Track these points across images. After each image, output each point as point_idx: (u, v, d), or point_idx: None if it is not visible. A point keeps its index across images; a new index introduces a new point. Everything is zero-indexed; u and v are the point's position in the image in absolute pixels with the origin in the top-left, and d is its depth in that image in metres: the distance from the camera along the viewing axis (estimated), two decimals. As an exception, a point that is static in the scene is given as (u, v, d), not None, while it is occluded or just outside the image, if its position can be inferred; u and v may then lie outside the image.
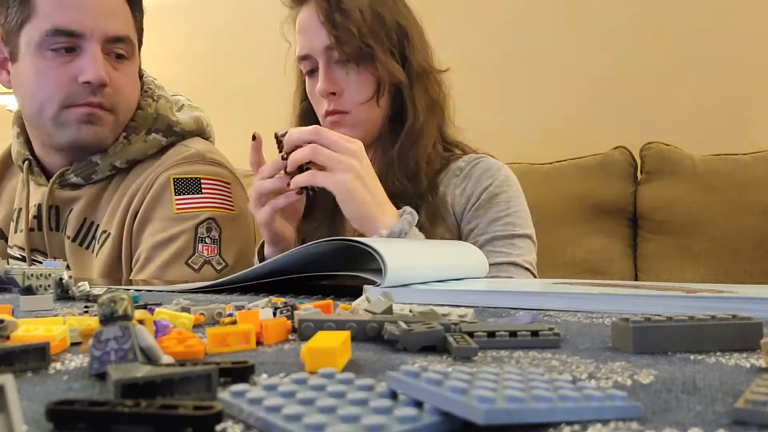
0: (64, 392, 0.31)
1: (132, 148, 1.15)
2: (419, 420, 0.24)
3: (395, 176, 1.05)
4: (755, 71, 2.00)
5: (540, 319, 0.51)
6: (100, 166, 1.14)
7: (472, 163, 1.11)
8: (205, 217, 1.11)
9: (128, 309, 0.33)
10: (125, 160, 1.14)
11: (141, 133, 1.15)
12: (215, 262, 1.10)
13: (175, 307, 0.51)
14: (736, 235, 1.71)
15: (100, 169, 1.14)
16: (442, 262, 0.81)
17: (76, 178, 1.14)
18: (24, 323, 0.41)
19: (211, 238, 1.11)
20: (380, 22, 1.05)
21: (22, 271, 0.71)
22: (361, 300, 0.51)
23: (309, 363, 0.33)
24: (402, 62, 1.07)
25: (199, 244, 1.10)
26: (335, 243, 0.72)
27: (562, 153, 1.96)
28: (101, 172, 1.14)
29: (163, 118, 1.17)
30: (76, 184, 1.15)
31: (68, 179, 1.15)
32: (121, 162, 1.14)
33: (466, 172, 1.10)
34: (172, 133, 1.17)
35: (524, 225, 1.09)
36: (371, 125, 1.09)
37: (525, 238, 1.08)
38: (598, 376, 0.33)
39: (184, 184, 1.13)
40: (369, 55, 1.04)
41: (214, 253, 1.11)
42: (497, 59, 2.19)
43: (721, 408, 0.28)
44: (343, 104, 1.08)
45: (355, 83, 1.06)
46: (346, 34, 1.03)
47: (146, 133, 1.16)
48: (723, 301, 0.56)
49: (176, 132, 1.18)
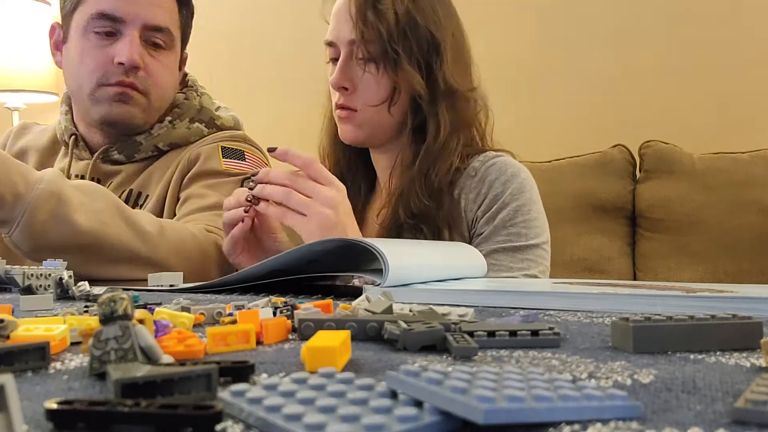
0: (64, 392, 0.31)
1: (175, 133, 1.23)
2: (419, 419, 0.24)
3: (417, 196, 1.02)
4: (754, 70, 2.00)
5: (540, 319, 0.51)
6: (144, 145, 1.22)
7: (487, 163, 1.06)
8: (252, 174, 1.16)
9: (128, 308, 0.33)
10: (168, 142, 1.23)
11: (185, 120, 1.25)
12: None
13: (175, 306, 0.51)
14: (735, 233, 1.71)
15: (143, 148, 1.22)
16: (442, 262, 0.81)
17: (119, 155, 1.22)
18: (24, 323, 0.41)
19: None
20: (413, 29, 1.02)
21: (22, 271, 0.71)
22: (361, 300, 0.51)
23: (309, 362, 0.33)
24: (427, 75, 1.03)
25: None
26: (336, 242, 0.72)
27: (560, 151, 1.96)
28: (144, 151, 1.22)
29: (206, 110, 1.28)
30: (118, 160, 1.23)
31: (111, 156, 1.23)
32: (164, 144, 1.23)
33: (481, 175, 1.05)
34: (213, 125, 1.27)
35: (533, 234, 1.02)
36: (379, 130, 1.07)
37: (533, 249, 1.02)
38: (598, 376, 0.33)
39: (231, 151, 1.22)
40: (393, 59, 1.01)
41: None
42: (496, 58, 2.19)
43: (721, 407, 0.28)
44: (353, 101, 1.05)
45: (371, 84, 1.04)
46: (374, 33, 1.00)
47: (189, 122, 1.25)
48: (723, 301, 0.56)
49: (217, 125, 1.27)
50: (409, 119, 1.05)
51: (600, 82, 2.13)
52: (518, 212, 1.02)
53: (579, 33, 2.16)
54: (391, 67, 1.02)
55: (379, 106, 1.04)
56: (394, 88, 1.03)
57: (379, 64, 1.02)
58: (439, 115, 1.04)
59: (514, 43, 2.21)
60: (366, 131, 1.07)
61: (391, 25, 1.00)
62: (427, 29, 1.03)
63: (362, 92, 1.05)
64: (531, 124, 2.17)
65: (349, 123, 1.07)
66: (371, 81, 1.04)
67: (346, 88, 1.05)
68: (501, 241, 1.01)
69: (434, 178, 1.03)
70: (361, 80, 1.04)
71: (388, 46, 1.01)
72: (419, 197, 1.02)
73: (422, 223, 1.01)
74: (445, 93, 1.04)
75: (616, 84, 2.11)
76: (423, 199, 1.02)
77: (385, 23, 1.00)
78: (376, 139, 1.09)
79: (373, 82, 1.04)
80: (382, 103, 1.04)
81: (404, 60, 1.01)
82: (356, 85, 1.05)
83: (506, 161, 1.07)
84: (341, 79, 1.04)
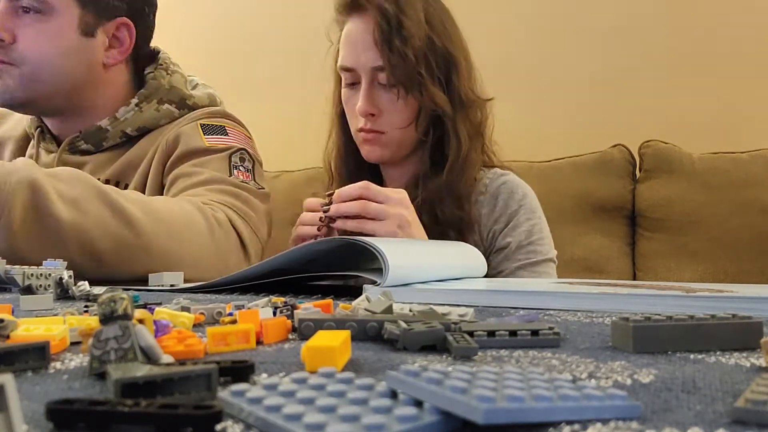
0: (64, 392, 0.31)
1: (143, 116, 1.17)
2: (419, 419, 0.24)
3: (446, 206, 1.06)
4: (754, 70, 2.00)
5: (540, 319, 0.51)
6: (111, 132, 1.16)
7: (496, 181, 1.11)
8: (237, 147, 1.14)
9: (128, 308, 0.33)
10: (136, 127, 1.17)
11: (153, 101, 1.18)
12: (253, 185, 1.11)
13: (175, 306, 0.51)
14: (735, 233, 1.71)
15: (110, 135, 1.16)
16: (442, 261, 0.81)
17: (86, 145, 1.17)
18: (24, 323, 0.41)
19: (245, 168, 1.13)
20: (432, 49, 1.04)
21: (22, 271, 0.71)
22: (361, 299, 0.51)
23: (309, 362, 0.33)
24: (448, 91, 1.07)
25: (234, 170, 1.11)
26: (336, 241, 0.72)
27: (560, 151, 1.96)
28: (112, 139, 1.17)
29: (176, 90, 1.20)
30: (87, 150, 1.17)
31: (78, 146, 1.17)
32: (132, 129, 1.17)
33: (492, 192, 1.10)
34: (184, 105, 1.20)
35: (546, 250, 1.10)
36: (403, 147, 1.11)
37: (548, 262, 1.10)
38: (598, 376, 0.33)
39: (211, 128, 1.16)
40: (418, 82, 1.04)
41: (249, 179, 1.12)
42: (496, 58, 2.19)
43: (721, 407, 0.28)
44: (380, 125, 1.08)
45: (397, 107, 1.06)
46: (400, 59, 1.02)
47: (158, 103, 1.18)
48: (723, 301, 0.56)
49: (189, 105, 1.20)
50: (431, 135, 1.09)
51: (600, 82, 2.12)
52: (533, 231, 1.09)
53: (579, 32, 2.15)
54: (417, 90, 1.05)
55: (407, 128, 1.08)
56: (419, 108, 1.06)
57: (407, 88, 1.04)
58: (458, 127, 1.07)
59: (513, 43, 2.21)
60: (391, 150, 1.11)
61: (417, 50, 1.03)
62: (444, 47, 1.06)
63: (389, 116, 1.08)
64: (531, 124, 2.17)
65: (376, 144, 1.10)
66: (398, 105, 1.07)
67: (373, 114, 1.08)
68: (522, 259, 1.08)
69: (462, 187, 1.08)
70: (387, 104, 1.07)
71: (414, 71, 1.03)
72: (448, 207, 1.06)
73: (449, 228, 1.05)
74: (464, 105, 1.08)
75: (616, 84, 2.11)
76: (452, 209, 1.07)
77: (411, 49, 1.02)
78: (398, 156, 1.13)
79: (401, 105, 1.06)
80: (409, 124, 1.07)
81: (428, 81, 1.04)
82: (382, 109, 1.08)
83: (514, 181, 1.13)
84: (368, 107, 1.07)
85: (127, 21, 1.17)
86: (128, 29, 1.18)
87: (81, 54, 1.14)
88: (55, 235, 0.82)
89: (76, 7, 1.12)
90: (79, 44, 1.13)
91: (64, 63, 1.12)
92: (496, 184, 1.11)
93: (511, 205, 1.09)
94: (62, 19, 1.11)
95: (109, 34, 1.16)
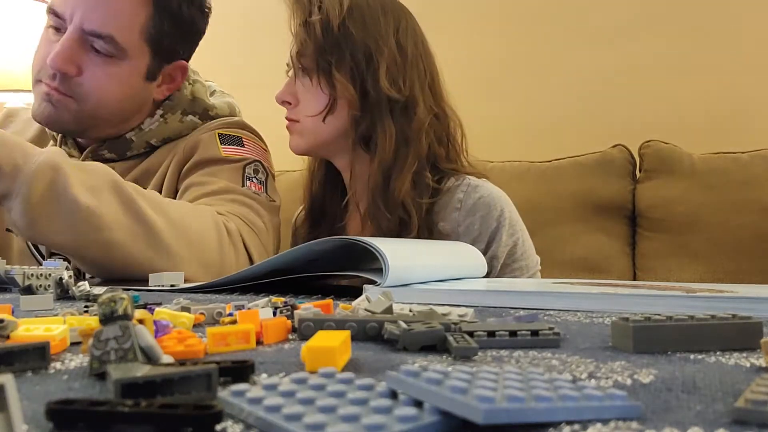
0: (64, 392, 0.31)
1: (168, 128, 1.18)
2: (419, 419, 0.24)
3: (382, 212, 1.04)
4: (754, 70, 2.00)
5: (540, 319, 0.51)
6: (135, 143, 1.17)
7: (470, 194, 1.06)
8: (252, 159, 1.15)
9: (128, 308, 0.33)
10: (161, 138, 1.17)
11: (177, 113, 1.18)
12: (264, 197, 1.12)
13: (175, 306, 0.51)
14: (735, 233, 1.70)
15: (135, 146, 1.17)
16: (442, 261, 0.81)
17: (109, 154, 1.17)
18: (24, 323, 0.41)
19: (258, 179, 1.14)
20: (347, 40, 1.03)
21: (22, 271, 0.71)
22: (361, 300, 0.51)
23: (309, 362, 0.33)
24: (362, 86, 1.04)
25: (247, 181, 1.11)
26: (336, 241, 0.72)
27: (560, 151, 1.96)
28: (135, 149, 1.17)
29: (199, 101, 1.21)
30: (109, 159, 1.16)
31: (101, 154, 1.16)
32: (157, 140, 1.17)
33: (468, 208, 1.05)
34: (207, 116, 1.21)
35: (532, 263, 1.09)
36: (319, 139, 1.09)
37: (534, 274, 1.09)
38: (598, 376, 0.33)
39: (229, 138, 1.16)
40: (325, 70, 1.04)
41: (262, 191, 1.13)
42: (496, 57, 2.19)
43: (721, 407, 0.28)
44: (295, 114, 1.09)
45: (308, 95, 1.07)
46: (306, 46, 1.04)
47: (182, 114, 1.19)
48: (723, 301, 0.56)
49: (211, 116, 1.21)
50: (351, 130, 1.07)
51: (600, 81, 2.12)
52: (515, 248, 1.07)
53: (579, 32, 2.15)
54: (325, 79, 1.04)
55: (316, 117, 1.07)
56: (331, 99, 1.06)
57: (313, 75, 1.05)
58: (384, 125, 1.05)
59: (514, 43, 2.21)
60: (307, 141, 1.10)
61: (319, 38, 1.03)
62: (363, 41, 1.04)
63: (302, 104, 1.08)
64: (531, 124, 2.17)
65: (292, 133, 1.11)
66: (309, 93, 1.07)
67: (289, 102, 1.09)
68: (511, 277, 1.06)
69: (395, 193, 1.04)
70: (302, 92, 1.08)
71: (319, 57, 1.04)
72: (384, 214, 1.04)
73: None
74: (386, 103, 1.04)
75: (617, 84, 2.11)
76: (387, 215, 1.03)
77: (313, 36, 1.03)
78: (320, 149, 1.12)
79: (310, 93, 1.07)
80: (318, 113, 1.06)
81: (335, 71, 1.03)
82: (298, 98, 1.09)
83: (491, 194, 1.07)
84: (283, 95, 1.10)
85: (184, 64, 1.18)
86: (182, 70, 1.19)
87: (141, 96, 1.15)
88: (71, 216, 0.85)
89: (148, 55, 1.12)
90: (142, 89, 1.14)
91: (125, 106, 1.13)
92: (471, 200, 1.05)
93: (490, 224, 1.05)
94: (132, 66, 1.11)
95: (166, 75, 1.17)
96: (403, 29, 1.09)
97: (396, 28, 1.08)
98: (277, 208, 1.14)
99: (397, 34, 1.08)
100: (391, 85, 1.04)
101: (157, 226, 0.91)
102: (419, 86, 1.08)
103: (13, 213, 0.85)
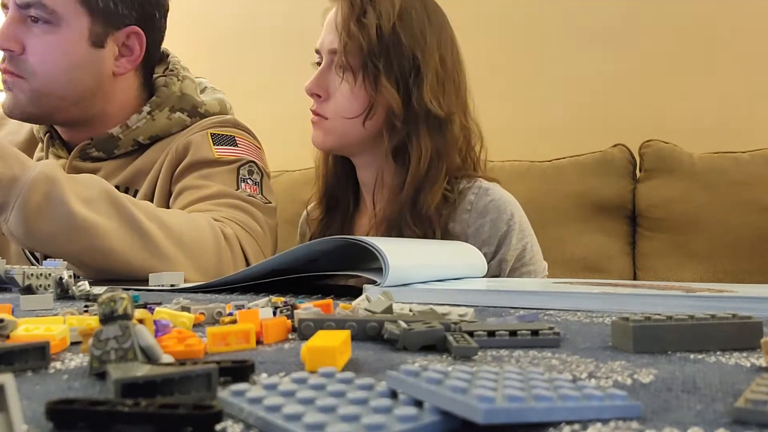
0: (64, 392, 0.31)
1: (155, 125, 1.16)
2: (419, 419, 0.24)
3: (408, 225, 1.03)
4: (754, 70, 2.00)
5: (540, 319, 0.51)
6: (122, 140, 1.15)
7: (483, 199, 1.06)
8: (247, 159, 1.14)
9: (128, 308, 0.33)
10: (149, 136, 1.16)
11: (165, 110, 1.17)
12: (259, 199, 1.11)
13: (175, 306, 0.51)
14: (735, 233, 1.71)
15: (122, 143, 1.15)
16: (442, 261, 0.81)
17: (97, 152, 1.16)
18: (24, 323, 0.41)
19: (252, 181, 1.12)
20: (396, 47, 1.02)
21: (22, 271, 0.71)
22: (361, 299, 0.51)
23: (309, 362, 0.33)
24: (405, 95, 1.03)
25: (241, 184, 1.11)
26: (336, 241, 0.72)
27: (561, 151, 1.96)
28: (123, 147, 1.16)
29: (187, 97, 1.19)
30: (97, 158, 1.16)
31: (89, 153, 1.16)
32: (144, 138, 1.16)
33: (479, 210, 1.05)
34: (196, 113, 1.19)
35: (540, 268, 1.09)
36: (347, 140, 1.08)
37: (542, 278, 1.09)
38: (598, 376, 0.33)
39: (221, 138, 1.15)
40: (372, 73, 1.02)
41: (257, 192, 1.12)
42: (497, 57, 2.19)
43: (721, 407, 0.28)
44: (324, 109, 1.07)
45: (346, 94, 1.05)
46: (356, 45, 1.01)
47: (170, 111, 1.17)
48: (723, 301, 0.56)
49: (200, 113, 1.19)
50: (385, 137, 1.05)
51: (600, 81, 2.12)
52: (525, 253, 1.06)
53: (579, 32, 2.15)
54: (370, 82, 1.03)
55: (352, 119, 1.05)
56: (370, 103, 1.04)
57: (358, 75, 1.03)
58: (420, 139, 1.04)
59: (514, 42, 2.21)
60: (333, 140, 1.08)
61: (373, 40, 1.01)
62: (411, 50, 1.03)
63: (336, 102, 1.06)
64: (531, 124, 2.17)
65: (319, 129, 1.08)
66: (347, 92, 1.05)
67: (319, 96, 1.07)
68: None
69: (424, 208, 1.03)
70: (337, 89, 1.06)
71: (368, 59, 1.02)
72: (410, 226, 1.03)
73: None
74: (424, 117, 1.03)
75: (617, 84, 2.11)
76: (413, 228, 1.03)
77: (367, 36, 1.01)
78: (345, 149, 1.11)
79: (349, 93, 1.05)
80: (356, 116, 1.05)
81: (383, 76, 1.02)
82: (331, 93, 1.06)
83: (502, 198, 1.07)
84: (314, 87, 1.07)
85: (137, 29, 1.15)
86: (138, 38, 1.15)
87: (91, 66, 1.12)
88: (68, 226, 0.86)
89: (86, 18, 1.09)
90: (90, 56, 1.11)
91: (74, 76, 1.11)
92: (482, 203, 1.06)
93: (500, 227, 1.05)
94: (72, 30, 1.09)
95: (119, 43, 1.14)
96: (445, 41, 1.08)
97: (439, 41, 1.07)
98: (273, 210, 1.13)
99: (440, 47, 1.07)
100: (433, 100, 1.04)
101: (153, 234, 0.91)
102: (455, 101, 1.08)
103: (10, 223, 0.86)
